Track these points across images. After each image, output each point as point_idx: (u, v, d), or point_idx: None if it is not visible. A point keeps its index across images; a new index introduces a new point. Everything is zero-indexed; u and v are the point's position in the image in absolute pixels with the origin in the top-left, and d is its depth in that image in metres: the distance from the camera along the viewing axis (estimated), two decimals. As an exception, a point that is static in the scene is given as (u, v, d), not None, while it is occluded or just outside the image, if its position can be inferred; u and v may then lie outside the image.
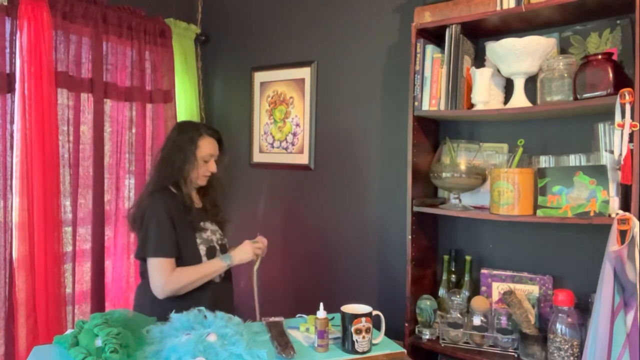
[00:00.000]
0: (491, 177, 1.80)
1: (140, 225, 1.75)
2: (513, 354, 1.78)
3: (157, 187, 1.79)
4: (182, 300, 1.69)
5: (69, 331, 1.48)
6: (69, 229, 2.32)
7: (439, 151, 2.00)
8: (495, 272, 1.97)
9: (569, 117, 1.85)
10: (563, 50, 1.85)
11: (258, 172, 2.86)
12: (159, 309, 1.66)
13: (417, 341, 1.95)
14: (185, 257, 1.76)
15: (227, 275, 1.91)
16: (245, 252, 1.86)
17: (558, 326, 1.65)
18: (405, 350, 1.58)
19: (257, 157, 2.86)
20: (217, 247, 1.86)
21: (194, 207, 1.85)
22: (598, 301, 1.43)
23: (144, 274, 1.79)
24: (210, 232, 1.87)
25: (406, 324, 1.98)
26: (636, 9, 1.50)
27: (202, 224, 1.85)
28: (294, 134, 2.69)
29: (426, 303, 1.95)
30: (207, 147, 1.85)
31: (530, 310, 1.82)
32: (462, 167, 1.89)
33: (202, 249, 1.80)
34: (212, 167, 1.88)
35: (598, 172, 1.61)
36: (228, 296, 1.92)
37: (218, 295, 1.82)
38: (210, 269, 1.78)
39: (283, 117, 2.74)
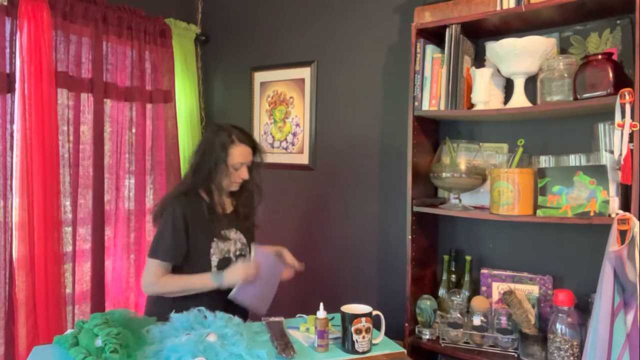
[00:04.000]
0: (491, 177, 1.80)
1: (157, 222, 1.79)
2: (513, 354, 1.78)
3: (186, 190, 1.78)
4: (186, 301, 1.67)
5: (69, 331, 1.48)
6: (69, 229, 2.32)
7: (439, 151, 2.00)
8: (495, 272, 1.97)
9: (569, 117, 1.85)
10: (563, 50, 1.85)
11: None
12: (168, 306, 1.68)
13: (417, 341, 1.95)
14: (196, 265, 1.75)
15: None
16: (235, 274, 1.72)
17: (558, 326, 1.65)
18: (405, 350, 1.58)
19: (257, 157, 2.86)
20: (233, 259, 1.82)
21: (221, 215, 1.83)
22: (598, 301, 1.43)
23: None
24: (231, 242, 1.83)
25: (406, 324, 1.98)
26: (636, 9, 1.50)
27: (225, 232, 1.82)
28: (294, 134, 2.69)
29: (426, 303, 1.95)
30: (238, 155, 1.79)
31: (530, 310, 1.82)
32: (462, 167, 1.89)
33: (214, 260, 1.77)
34: (244, 175, 1.82)
35: (598, 172, 1.61)
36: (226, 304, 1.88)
37: (217, 302, 1.75)
38: (198, 283, 1.72)
39: (283, 117, 2.74)
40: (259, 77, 2.83)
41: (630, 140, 1.48)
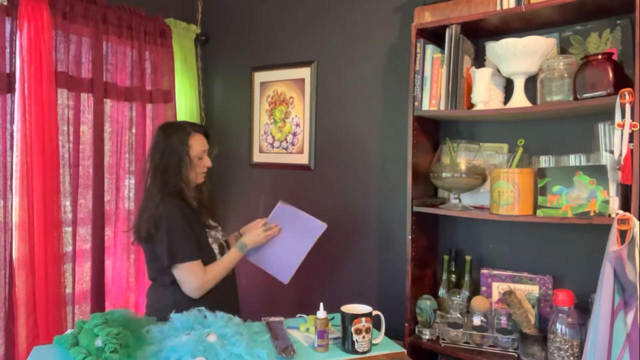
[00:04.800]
0: (491, 177, 1.80)
1: (156, 234, 1.73)
2: (513, 354, 1.79)
3: (165, 193, 1.77)
4: (204, 298, 1.72)
5: (69, 331, 1.48)
6: (69, 229, 2.32)
7: (439, 151, 2.00)
8: (495, 272, 1.97)
9: (569, 117, 1.85)
10: (563, 50, 1.85)
11: (258, 172, 2.86)
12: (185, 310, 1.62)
13: (417, 341, 1.95)
14: (205, 256, 1.79)
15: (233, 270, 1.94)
16: (257, 235, 1.90)
17: (558, 326, 1.65)
18: (405, 350, 1.58)
19: (257, 157, 2.86)
20: (224, 244, 1.91)
21: (198, 208, 1.88)
22: (598, 301, 1.43)
23: (158, 278, 1.80)
24: (215, 229, 1.91)
25: (406, 324, 1.98)
26: (636, 9, 1.50)
27: (208, 222, 1.89)
28: (294, 134, 2.69)
29: (426, 303, 1.95)
30: (198, 144, 1.85)
31: (530, 310, 1.82)
32: (462, 167, 1.89)
33: (215, 248, 1.84)
34: (208, 163, 1.89)
35: (598, 172, 1.61)
36: (235, 289, 1.98)
37: (230, 288, 1.91)
38: (231, 259, 1.84)
39: (283, 117, 2.74)
40: (259, 77, 2.83)
41: (630, 140, 1.48)
